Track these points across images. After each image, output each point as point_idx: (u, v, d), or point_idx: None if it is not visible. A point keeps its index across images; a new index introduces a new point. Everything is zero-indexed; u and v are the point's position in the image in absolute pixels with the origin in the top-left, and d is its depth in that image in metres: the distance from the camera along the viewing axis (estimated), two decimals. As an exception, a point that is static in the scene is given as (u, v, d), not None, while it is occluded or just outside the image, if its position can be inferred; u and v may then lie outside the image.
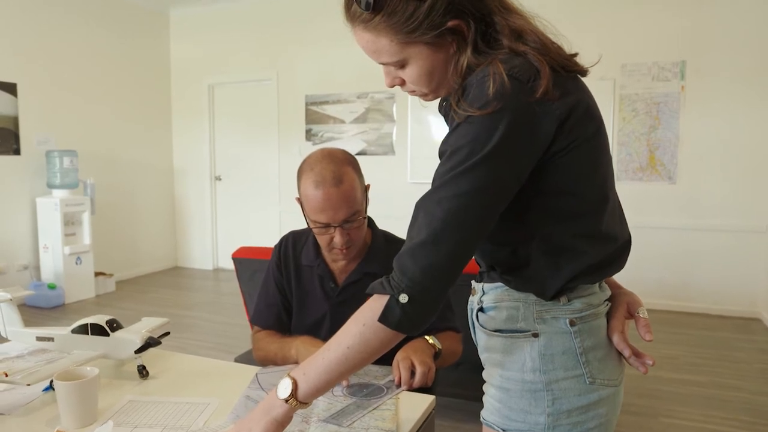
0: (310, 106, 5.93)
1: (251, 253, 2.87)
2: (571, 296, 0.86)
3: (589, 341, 0.86)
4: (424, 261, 0.79)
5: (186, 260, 6.72)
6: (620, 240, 0.89)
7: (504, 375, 0.89)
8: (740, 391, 3.08)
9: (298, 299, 1.54)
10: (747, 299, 4.53)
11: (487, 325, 0.92)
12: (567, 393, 0.85)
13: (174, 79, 6.56)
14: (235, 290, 5.41)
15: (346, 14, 0.87)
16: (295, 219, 5.96)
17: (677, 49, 4.54)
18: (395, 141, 5.61)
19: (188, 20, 6.41)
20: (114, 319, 1.34)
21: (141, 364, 1.30)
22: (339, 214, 1.36)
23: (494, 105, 0.77)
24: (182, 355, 1.48)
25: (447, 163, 0.80)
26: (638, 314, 0.92)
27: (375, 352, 0.83)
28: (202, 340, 3.99)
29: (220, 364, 1.44)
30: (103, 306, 4.92)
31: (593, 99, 0.88)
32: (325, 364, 0.85)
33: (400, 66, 0.88)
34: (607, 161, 0.88)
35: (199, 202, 6.59)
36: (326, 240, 1.42)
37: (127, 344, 1.28)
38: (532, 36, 0.82)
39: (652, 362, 0.88)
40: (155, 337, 1.31)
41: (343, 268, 1.52)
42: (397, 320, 0.80)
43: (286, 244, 1.58)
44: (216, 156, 6.52)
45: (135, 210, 6.16)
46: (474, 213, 0.78)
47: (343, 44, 5.66)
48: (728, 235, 4.55)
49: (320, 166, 1.37)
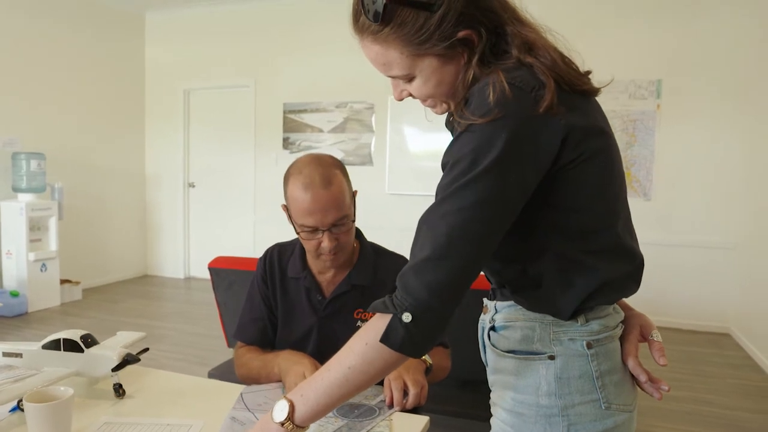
0: (288, 114, 5.86)
1: (228, 263, 2.79)
2: (589, 316, 0.83)
3: (605, 365, 0.83)
4: (428, 278, 0.74)
5: (157, 268, 6.55)
6: (638, 258, 0.86)
7: (517, 398, 0.85)
8: (715, 406, 3.11)
9: (284, 312, 1.48)
10: (717, 314, 4.60)
11: (499, 345, 0.88)
12: (583, 418, 0.81)
13: (148, 83, 6.43)
14: (208, 300, 5.29)
15: (354, 26, 0.83)
16: (271, 228, 5.88)
17: (654, 67, 4.62)
18: (374, 151, 5.58)
19: (164, 24, 6.30)
20: (89, 334, 1.26)
21: (117, 382, 1.23)
22: (328, 217, 1.31)
23: (495, 113, 0.74)
24: (161, 371, 1.40)
25: (449, 174, 0.77)
26: (652, 338, 0.89)
27: (378, 373, 0.79)
28: (174, 352, 3.87)
29: (201, 382, 1.37)
30: (69, 315, 4.75)
31: (603, 115, 0.85)
32: (325, 386, 0.80)
33: (409, 79, 0.84)
34: (619, 177, 0.86)
35: (171, 209, 6.44)
36: (314, 245, 1.36)
37: (103, 361, 1.20)
38: (543, 51, 0.80)
39: (668, 388, 0.86)
40: (134, 354, 1.23)
41: (331, 280, 1.47)
42: (400, 341, 0.76)
43: (272, 256, 1.52)
44: (190, 162, 6.39)
45: (105, 216, 5.98)
46: (480, 227, 0.75)
47: (323, 53, 5.64)
48: (700, 251, 4.62)
49: (308, 169, 1.33)
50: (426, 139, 5.38)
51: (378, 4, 0.77)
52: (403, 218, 5.37)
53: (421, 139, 5.41)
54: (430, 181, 6.02)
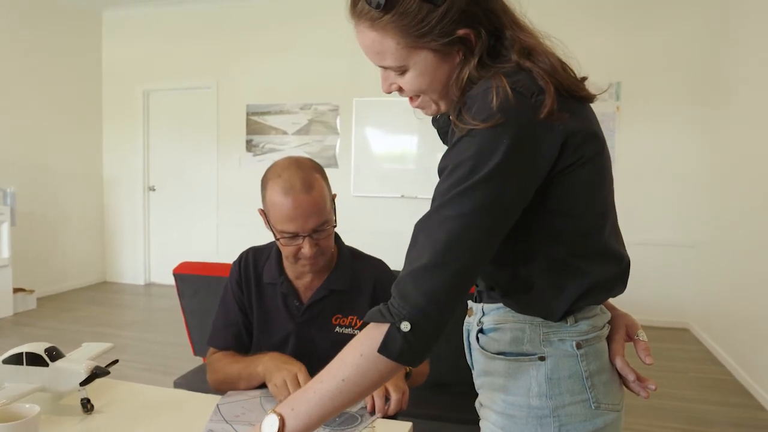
0: (251, 116, 5.77)
1: (194, 268, 2.71)
2: (578, 317, 0.83)
3: (594, 365, 0.83)
4: (427, 285, 0.73)
5: (115, 275, 6.35)
6: (625, 260, 0.87)
7: (508, 400, 0.84)
8: (679, 400, 3.19)
9: (260, 319, 1.44)
10: (677, 311, 4.74)
11: (489, 347, 0.87)
12: (573, 419, 0.81)
13: (106, 84, 6.22)
14: (169, 307, 5.15)
15: (351, 10, 0.81)
16: (234, 232, 5.78)
17: (614, 70, 4.72)
18: (338, 153, 5.54)
19: (122, 22, 6.11)
20: (53, 346, 1.20)
21: (85, 397, 1.17)
22: (309, 222, 1.27)
23: (497, 118, 0.73)
24: (130, 384, 1.34)
25: (448, 179, 0.75)
26: (638, 337, 0.90)
27: (372, 385, 0.76)
28: (136, 361, 3.74)
29: (173, 394, 1.32)
30: (23, 325, 4.55)
31: (597, 120, 0.85)
32: (317, 398, 0.77)
33: (402, 72, 0.82)
34: (609, 181, 0.86)
35: (130, 214, 6.25)
36: (293, 251, 1.32)
37: (70, 375, 1.14)
38: (542, 56, 0.80)
39: (655, 387, 0.86)
40: (103, 367, 1.17)
41: (308, 285, 1.43)
42: (398, 350, 0.73)
43: (247, 260, 1.48)
44: (150, 165, 6.22)
45: (60, 221, 5.76)
46: (479, 233, 0.74)
47: (287, 54, 5.57)
48: (661, 250, 4.75)
49: (288, 173, 1.28)
50: (391, 141, 5.38)
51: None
52: (369, 221, 5.35)
53: (385, 141, 5.41)
54: (394, 184, 6.01)
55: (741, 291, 3.66)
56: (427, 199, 4.51)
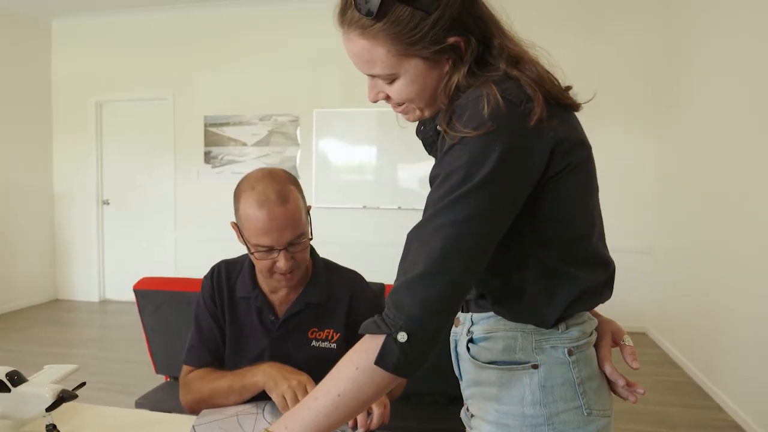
0: (209, 127, 5.66)
1: (156, 284, 2.62)
2: (569, 323, 0.84)
3: (585, 371, 0.84)
4: (423, 294, 0.71)
5: (68, 292, 6.09)
6: (611, 266, 0.88)
7: (501, 410, 0.84)
8: (642, 403, 3.25)
9: (233, 335, 1.39)
10: (634, 315, 4.85)
11: (480, 356, 0.86)
12: (567, 426, 0.81)
13: (56, 95, 6.00)
14: (126, 324, 4.98)
15: (339, 18, 0.79)
16: (194, 246, 5.64)
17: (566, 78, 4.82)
18: (299, 165, 5.49)
19: (73, 32, 5.91)
20: (15, 370, 1.13)
21: (51, 423, 1.10)
22: (284, 236, 1.24)
23: (489, 125, 0.73)
24: (98, 407, 1.28)
25: (441, 187, 0.74)
26: (624, 342, 0.91)
27: (369, 399, 0.74)
28: (94, 381, 3.58)
29: (142, 415, 1.27)
30: (-31, 348, 4.32)
31: (582, 129, 0.87)
32: (312, 415, 0.74)
33: (391, 80, 0.81)
34: (596, 188, 0.88)
35: (83, 229, 6.02)
36: (268, 265, 1.28)
37: (34, 401, 1.07)
38: (530, 66, 0.81)
39: (643, 391, 0.87)
40: (69, 390, 1.11)
41: (284, 299, 1.39)
42: (395, 362, 0.72)
43: (219, 274, 1.43)
44: (104, 179, 6.01)
45: (8, 237, 5.50)
46: (474, 240, 0.73)
47: (245, 65, 5.51)
48: (617, 256, 4.75)
49: (262, 185, 1.25)
50: (351, 152, 5.38)
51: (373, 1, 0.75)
52: (330, 232, 5.30)
53: (346, 152, 5.40)
54: (355, 194, 5.99)
55: (694, 295, 3.79)
56: (389, 209, 4.55)
